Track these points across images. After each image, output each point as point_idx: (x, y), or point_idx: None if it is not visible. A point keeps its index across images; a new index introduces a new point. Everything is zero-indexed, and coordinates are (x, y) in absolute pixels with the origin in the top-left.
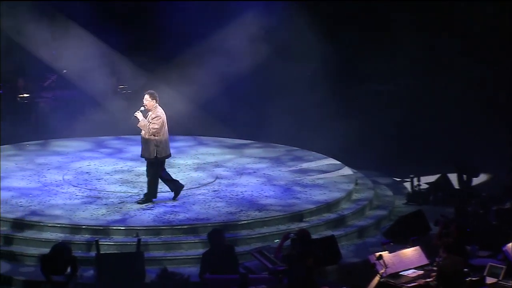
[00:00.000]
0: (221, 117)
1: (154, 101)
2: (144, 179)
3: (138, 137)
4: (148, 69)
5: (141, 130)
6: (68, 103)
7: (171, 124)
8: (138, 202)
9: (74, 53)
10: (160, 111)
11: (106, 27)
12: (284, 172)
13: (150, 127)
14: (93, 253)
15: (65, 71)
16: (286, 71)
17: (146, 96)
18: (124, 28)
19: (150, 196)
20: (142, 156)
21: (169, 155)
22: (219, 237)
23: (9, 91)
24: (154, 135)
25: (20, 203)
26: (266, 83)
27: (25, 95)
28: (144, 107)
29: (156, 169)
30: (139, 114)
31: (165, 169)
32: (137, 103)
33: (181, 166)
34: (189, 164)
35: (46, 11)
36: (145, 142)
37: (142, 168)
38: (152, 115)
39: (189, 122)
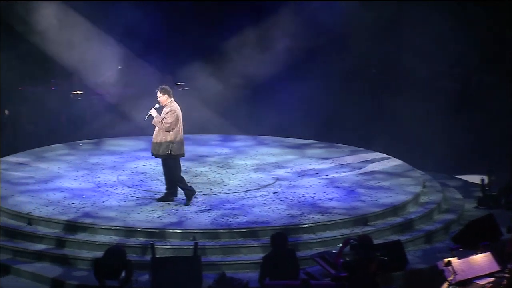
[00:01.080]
0: (286, 116)
1: (167, 96)
2: (201, 179)
3: (194, 136)
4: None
5: (155, 127)
6: (123, 100)
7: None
8: (158, 199)
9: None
10: (174, 106)
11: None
12: (348, 173)
13: (164, 121)
14: (148, 257)
15: (120, 67)
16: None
17: (158, 92)
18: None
19: (172, 192)
20: (154, 154)
21: (183, 154)
22: (283, 240)
23: (63, 88)
24: (168, 131)
25: (73, 204)
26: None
27: (79, 91)
28: (159, 103)
29: (172, 166)
30: (153, 111)
31: (179, 169)
32: (192, 101)
33: (240, 167)
34: (249, 164)
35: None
36: (159, 139)
37: (199, 168)
38: (166, 109)
39: (247, 120)
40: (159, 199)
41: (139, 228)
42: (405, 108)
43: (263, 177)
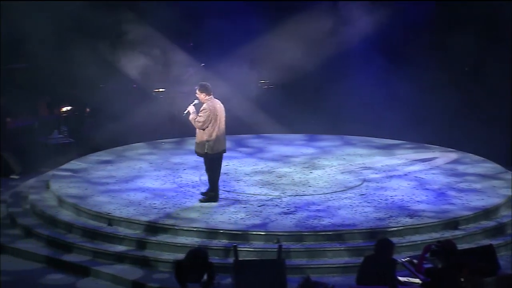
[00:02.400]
0: (372, 115)
1: (204, 94)
2: (286, 180)
3: (279, 136)
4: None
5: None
6: None
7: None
8: (201, 201)
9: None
10: (210, 104)
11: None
12: (437, 175)
13: (196, 120)
14: (231, 260)
15: (203, 64)
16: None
17: (197, 89)
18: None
19: (214, 195)
20: (195, 151)
21: (222, 152)
22: (390, 249)
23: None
24: (202, 129)
25: (154, 205)
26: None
27: (160, 89)
28: (198, 100)
29: (211, 164)
30: (191, 108)
31: (219, 169)
32: (276, 99)
33: (326, 168)
34: (335, 165)
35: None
36: (197, 136)
37: (283, 169)
38: (202, 107)
39: (333, 119)
40: (202, 201)
41: (221, 230)
42: (503, 109)
43: (350, 178)
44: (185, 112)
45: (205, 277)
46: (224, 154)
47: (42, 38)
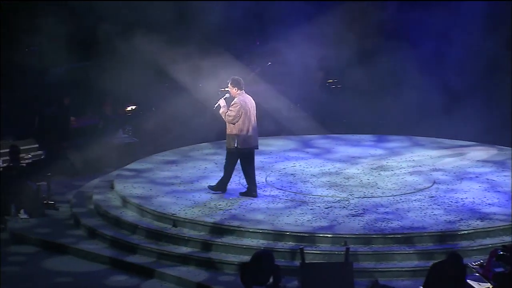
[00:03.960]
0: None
1: (236, 88)
2: (354, 182)
3: (347, 136)
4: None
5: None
6: (271, 98)
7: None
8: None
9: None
10: (240, 99)
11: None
12: (509, 177)
13: (227, 114)
14: (297, 262)
15: (269, 63)
16: None
17: (229, 83)
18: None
19: (221, 185)
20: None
21: (253, 147)
22: (460, 264)
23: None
24: (232, 123)
25: (219, 206)
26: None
27: (225, 88)
28: (229, 94)
29: (233, 160)
30: (222, 101)
31: (253, 164)
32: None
33: (394, 169)
34: (404, 167)
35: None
36: (228, 131)
37: (351, 170)
38: (233, 102)
39: (402, 119)
40: (242, 194)
41: (288, 231)
42: None
43: (419, 180)
44: (215, 106)
45: (270, 280)
46: (291, 155)
47: (106, 37)
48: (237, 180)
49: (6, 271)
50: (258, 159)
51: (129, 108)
